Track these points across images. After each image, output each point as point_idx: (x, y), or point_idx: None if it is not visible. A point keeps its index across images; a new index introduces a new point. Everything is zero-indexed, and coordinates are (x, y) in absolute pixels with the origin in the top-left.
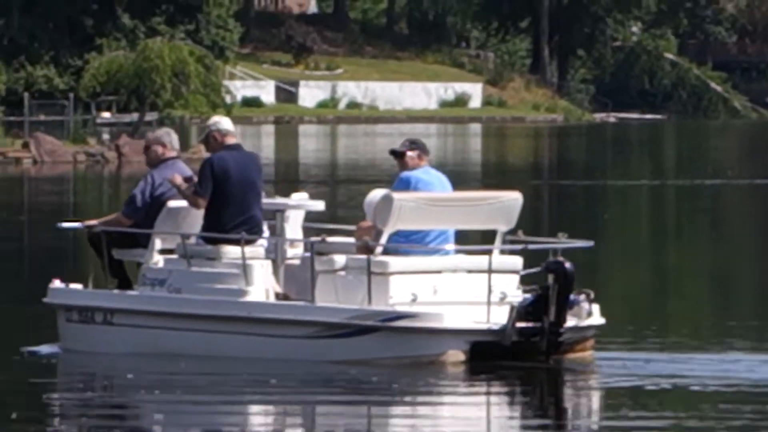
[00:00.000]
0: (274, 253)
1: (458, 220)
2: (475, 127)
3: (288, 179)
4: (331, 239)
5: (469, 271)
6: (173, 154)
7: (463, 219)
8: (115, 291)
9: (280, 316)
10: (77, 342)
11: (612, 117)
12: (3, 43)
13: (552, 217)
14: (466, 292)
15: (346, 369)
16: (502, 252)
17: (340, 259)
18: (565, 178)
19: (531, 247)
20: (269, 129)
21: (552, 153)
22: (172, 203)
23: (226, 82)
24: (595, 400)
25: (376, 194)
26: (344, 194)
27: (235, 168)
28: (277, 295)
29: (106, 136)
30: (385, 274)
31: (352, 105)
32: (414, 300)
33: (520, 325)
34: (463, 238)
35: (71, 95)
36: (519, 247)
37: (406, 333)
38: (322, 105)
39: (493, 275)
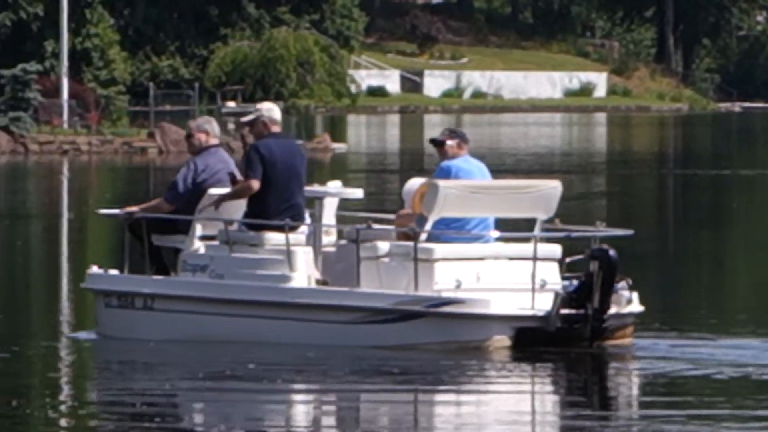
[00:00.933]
0: (312, 240)
1: (500, 208)
2: (600, 117)
3: (414, 168)
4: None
5: (511, 259)
6: (215, 141)
7: (504, 207)
8: (157, 276)
9: (326, 301)
10: (116, 328)
11: (737, 106)
12: (129, 34)
13: (678, 206)
14: (508, 278)
15: (391, 354)
16: (541, 240)
17: (383, 246)
18: (691, 168)
19: (574, 234)
20: (394, 118)
21: (677, 142)
22: (214, 190)
23: (351, 72)
24: (642, 386)
25: (414, 183)
26: None
27: (281, 155)
28: (317, 282)
29: (231, 126)
30: (430, 261)
31: (477, 94)
32: (458, 286)
33: (564, 311)
34: (501, 225)
35: (196, 85)
36: (561, 234)
37: (453, 318)
38: (446, 94)
39: (529, 262)
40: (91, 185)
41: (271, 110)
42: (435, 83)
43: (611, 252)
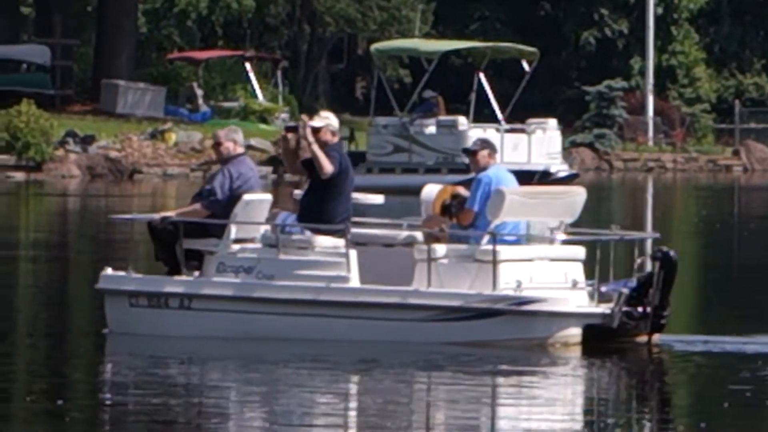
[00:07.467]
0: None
1: (542, 212)
2: None
3: None
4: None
5: (552, 260)
6: (241, 150)
7: (545, 211)
8: (197, 277)
9: (395, 300)
10: (144, 326)
11: None
12: (714, 51)
13: None
14: (551, 278)
15: (463, 350)
16: (565, 242)
17: (440, 249)
18: None
19: (626, 237)
20: None
21: None
22: (248, 196)
23: None
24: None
25: (431, 190)
26: None
27: (350, 166)
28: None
29: None
30: (495, 262)
31: None
32: (519, 286)
33: (625, 308)
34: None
35: None
36: (616, 237)
37: (533, 316)
38: None
39: (564, 263)
40: (674, 203)
41: (335, 121)
42: None
43: (672, 253)
